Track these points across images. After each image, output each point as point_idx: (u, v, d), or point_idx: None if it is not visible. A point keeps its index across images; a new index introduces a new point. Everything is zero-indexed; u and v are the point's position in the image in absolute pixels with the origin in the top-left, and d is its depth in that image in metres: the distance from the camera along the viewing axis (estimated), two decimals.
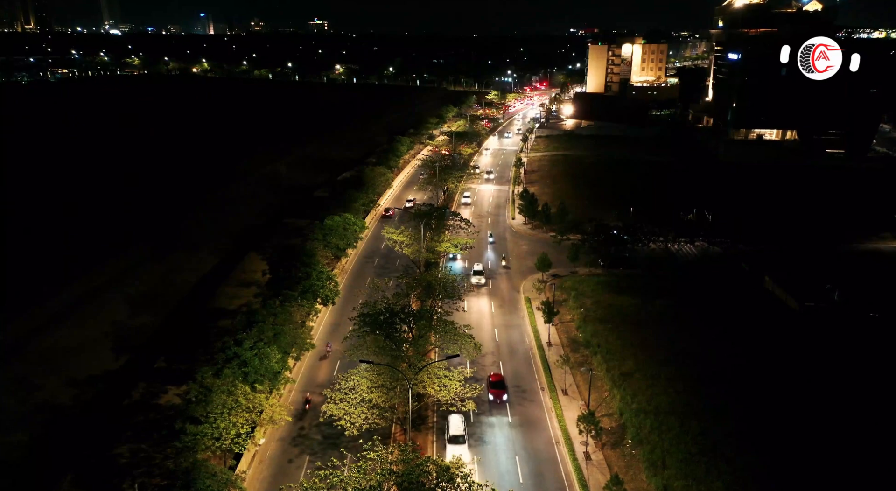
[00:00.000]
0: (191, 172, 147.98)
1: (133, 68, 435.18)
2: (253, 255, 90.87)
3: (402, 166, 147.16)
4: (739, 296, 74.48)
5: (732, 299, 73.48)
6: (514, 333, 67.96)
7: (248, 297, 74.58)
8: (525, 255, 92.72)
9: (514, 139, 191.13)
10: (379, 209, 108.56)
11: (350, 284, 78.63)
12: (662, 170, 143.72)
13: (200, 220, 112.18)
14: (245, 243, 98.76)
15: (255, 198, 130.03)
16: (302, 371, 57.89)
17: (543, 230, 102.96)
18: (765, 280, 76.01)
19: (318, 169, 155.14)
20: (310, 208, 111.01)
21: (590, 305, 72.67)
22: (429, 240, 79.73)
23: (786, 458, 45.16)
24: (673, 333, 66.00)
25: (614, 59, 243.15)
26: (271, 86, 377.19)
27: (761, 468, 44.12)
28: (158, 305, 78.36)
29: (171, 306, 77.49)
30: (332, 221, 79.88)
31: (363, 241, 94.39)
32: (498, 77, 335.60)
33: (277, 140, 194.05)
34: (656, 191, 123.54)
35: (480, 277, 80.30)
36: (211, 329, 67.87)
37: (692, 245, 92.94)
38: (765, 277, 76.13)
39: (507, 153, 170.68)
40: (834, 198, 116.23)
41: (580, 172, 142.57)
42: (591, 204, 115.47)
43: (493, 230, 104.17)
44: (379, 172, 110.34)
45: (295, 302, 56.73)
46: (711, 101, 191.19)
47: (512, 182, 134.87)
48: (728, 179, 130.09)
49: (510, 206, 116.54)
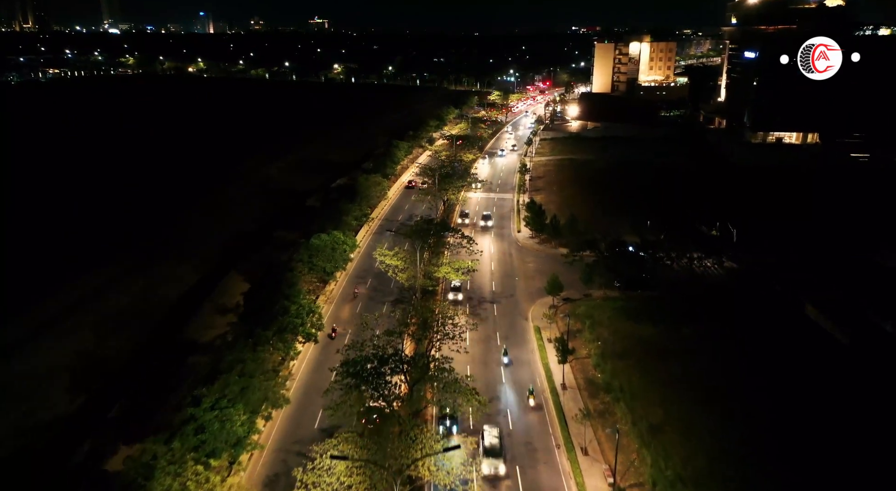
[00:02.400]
0: (184, 176, 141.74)
1: (128, 68, 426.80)
2: (235, 274, 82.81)
3: (399, 172, 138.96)
4: (777, 324, 66.28)
5: (769, 328, 65.30)
6: (524, 372, 59.75)
7: (222, 326, 66.59)
8: (533, 274, 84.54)
9: (517, 142, 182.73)
10: (372, 224, 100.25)
11: (337, 313, 70.32)
12: (675, 174, 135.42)
13: (190, 227, 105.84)
14: (230, 256, 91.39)
15: (247, 203, 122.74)
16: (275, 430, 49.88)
17: (552, 245, 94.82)
18: (806, 307, 67.69)
19: (314, 172, 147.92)
20: (301, 218, 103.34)
21: (607, 337, 64.59)
22: (426, 262, 71.49)
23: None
24: (704, 369, 58.04)
25: (621, 57, 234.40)
26: (268, 86, 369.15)
27: None
28: (130, 329, 70.84)
29: (143, 334, 69.80)
30: (319, 240, 71.88)
31: (357, 255, 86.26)
32: (500, 76, 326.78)
33: (274, 141, 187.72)
34: (670, 198, 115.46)
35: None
36: (180, 366, 59.84)
37: (718, 263, 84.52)
38: (805, 303, 67.80)
39: (510, 157, 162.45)
40: (863, 204, 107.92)
41: (588, 178, 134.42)
42: (601, 213, 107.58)
43: (497, 245, 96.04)
44: (373, 181, 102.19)
45: (269, 345, 48.59)
46: (724, 101, 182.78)
47: (516, 189, 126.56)
48: (747, 185, 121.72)
49: (515, 217, 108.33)
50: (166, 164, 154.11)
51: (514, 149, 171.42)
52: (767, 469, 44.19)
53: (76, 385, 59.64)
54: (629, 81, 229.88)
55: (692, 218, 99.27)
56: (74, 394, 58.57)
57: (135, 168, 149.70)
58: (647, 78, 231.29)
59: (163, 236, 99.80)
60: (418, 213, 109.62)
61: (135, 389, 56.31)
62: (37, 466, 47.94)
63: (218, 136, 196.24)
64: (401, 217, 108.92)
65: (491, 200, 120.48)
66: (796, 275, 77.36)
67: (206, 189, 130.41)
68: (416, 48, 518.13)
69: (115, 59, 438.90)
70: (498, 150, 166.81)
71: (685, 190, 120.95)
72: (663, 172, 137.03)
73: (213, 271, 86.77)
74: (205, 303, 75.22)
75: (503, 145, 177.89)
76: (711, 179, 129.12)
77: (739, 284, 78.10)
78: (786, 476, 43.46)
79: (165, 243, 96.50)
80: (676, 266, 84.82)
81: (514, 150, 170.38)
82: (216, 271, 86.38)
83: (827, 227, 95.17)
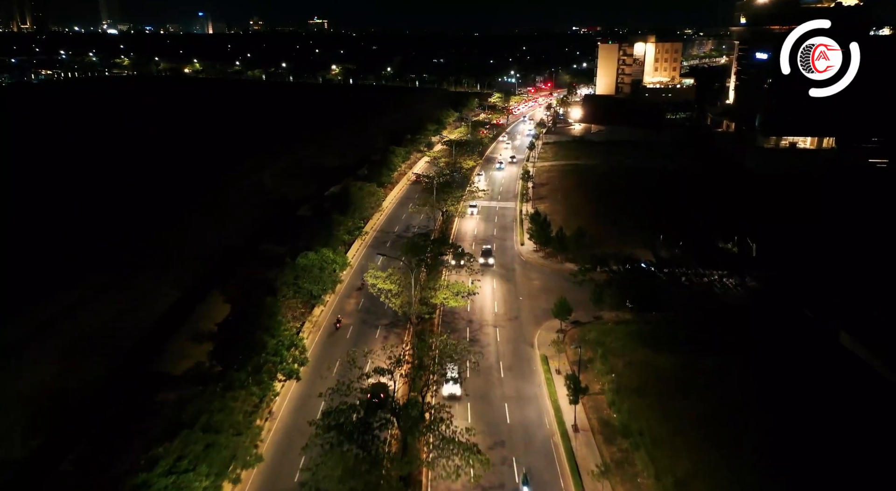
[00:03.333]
0: (174, 181, 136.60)
1: (123, 69, 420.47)
2: (216, 294, 76.73)
3: (397, 179, 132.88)
4: (809, 354, 60.27)
5: (801, 359, 59.29)
6: (530, 410, 53.73)
7: (197, 356, 60.52)
8: (538, 292, 78.52)
9: (519, 146, 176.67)
10: (366, 238, 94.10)
11: (324, 343, 64.24)
12: (684, 180, 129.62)
13: (177, 235, 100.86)
14: (214, 272, 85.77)
15: (236, 212, 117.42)
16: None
17: (558, 259, 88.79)
18: (840, 335, 61.66)
19: (308, 177, 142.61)
20: (291, 229, 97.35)
21: (622, 368, 58.64)
22: (423, 281, 65.41)
23: None
24: (731, 407, 52.11)
25: (626, 58, 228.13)
26: (265, 87, 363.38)
27: None
28: (101, 356, 65.04)
29: (113, 362, 63.89)
30: (305, 260, 65.89)
31: (349, 274, 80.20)
32: (500, 77, 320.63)
33: (268, 145, 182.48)
34: (682, 207, 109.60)
35: None
36: (145, 405, 53.82)
37: (740, 284, 78.39)
38: (840, 330, 61.75)
39: (516, 152, 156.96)
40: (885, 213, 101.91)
41: (594, 184, 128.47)
42: (609, 223, 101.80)
43: (499, 259, 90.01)
44: (368, 192, 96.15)
45: (242, 390, 42.54)
46: (733, 103, 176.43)
47: (519, 197, 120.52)
48: (762, 193, 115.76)
49: (518, 228, 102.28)
50: (156, 170, 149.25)
51: (513, 160, 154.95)
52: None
53: (33, 423, 53.80)
54: (634, 83, 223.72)
55: (707, 231, 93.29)
56: (30, 434, 52.74)
57: (124, 173, 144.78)
58: (653, 79, 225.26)
59: (148, 246, 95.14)
60: (416, 224, 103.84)
61: (95, 433, 50.28)
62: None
63: (210, 140, 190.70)
64: (397, 228, 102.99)
65: (492, 210, 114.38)
66: (826, 296, 71.26)
67: (195, 197, 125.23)
68: (415, 48, 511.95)
69: (110, 61, 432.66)
70: (495, 163, 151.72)
71: (697, 198, 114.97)
72: (672, 179, 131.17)
73: (194, 288, 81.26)
74: (182, 327, 69.33)
75: (501, 155, 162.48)
76: (724, 187, 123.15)
77: (764, 306, 72.03)
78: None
79: (151, 253, 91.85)
80: (694, 281, 79.14)
81: (513, 162, 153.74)
82: (198, 288, 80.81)
83: (850, 239, 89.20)
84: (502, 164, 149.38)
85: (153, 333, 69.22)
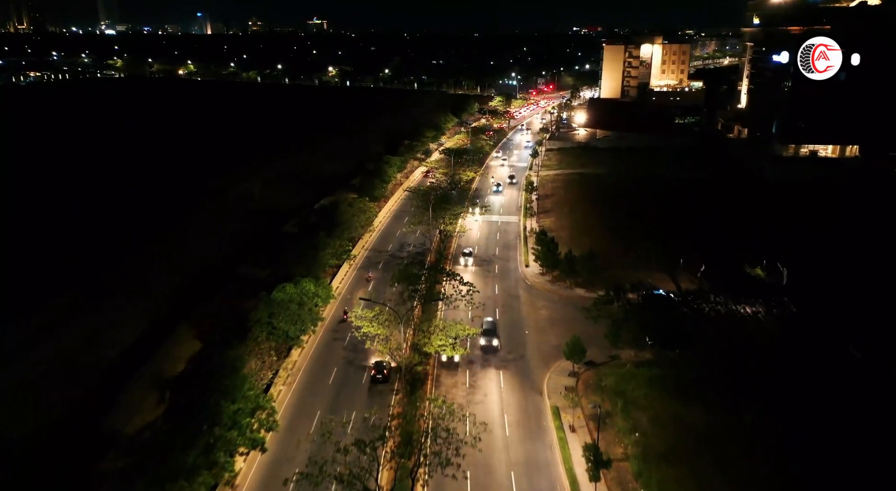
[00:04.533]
0: (156, 192, 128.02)
1: (116, 70, 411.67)
2: (185, 328, 68.43)
3: (393, 190, 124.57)
4: (865, 406, 52.02)
5: (855, 412, 51.06)
6: (541, 481, 45.42)
7: (151, 410, 52.20)
8: (546, 324, 70.32)
9: (521, 153, 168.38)
10: (354, 261, 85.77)
11: (301, 396, 55.44)
12: (699, 192, 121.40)
13: (153, 254, 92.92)
14: (188, 299, 77.74)
15: (220, 225, 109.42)
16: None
17: (566, 284, 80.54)
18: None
19: (300, 185, 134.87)
20: (275, 248, 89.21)
21: (647, 425, 50.46)
22: (417, 318, 57.08)
23: None
24: (782, 480, 43.88)
25: (632, 60, 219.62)
26: (260, 89, 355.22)
27: None
28: (48, 403, 56.88)
29: (60, 412, 55.66)
30: (283, 294, 57.68)
31: (333, 307, 71.82)
32: (501, 79, 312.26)
33: (261, 150, 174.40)
34: (698, 221, 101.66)
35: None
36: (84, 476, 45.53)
37: (778, 318, 70.05)
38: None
39: (514, 171, 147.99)
40: None
41: (602, 196, 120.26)
42: (619, 240, 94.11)
43: (502, 284, 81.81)
44: (359, 208, 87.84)
45: (188, 480, 34.18)
46: (746, 108, 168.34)
47: (522, 211, 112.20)
48: (786, 207, 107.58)
49: (522, 247, 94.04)
50: (137, 179, 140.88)
51: (512, 181, 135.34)
52: None
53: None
54: (640, 86, 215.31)
55: (732, 252, 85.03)
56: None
57: (102, 183, 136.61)
58: (660, 82, 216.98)
59: (122, 263, 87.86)
60: (411, 241, 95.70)
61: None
62: None
63: (199, 146, 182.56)
64: (391, 246, 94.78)
65: (493, 226, 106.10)
66: (878, 337, 62.81)
67: (177, 209, 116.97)
68: (414, 49, 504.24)
69: (103, 62, 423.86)
70: (492, 185, 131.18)
71: (715, 213, 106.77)
72: (685, 190, 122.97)
73: (164, 317, 73.20)
74: (144, 365, 61.11)
75: (497, 172, 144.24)
76: (744, 200, 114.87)
77: (803, 343, 63.71)
78: None
79: (124, 272, 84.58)
80: (720, 313, 70.94)
81: (512, 183, 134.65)
82: (168, 317, 72.80)
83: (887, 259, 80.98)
84: (500, 187, 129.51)
85: (110, 375, 61.17)
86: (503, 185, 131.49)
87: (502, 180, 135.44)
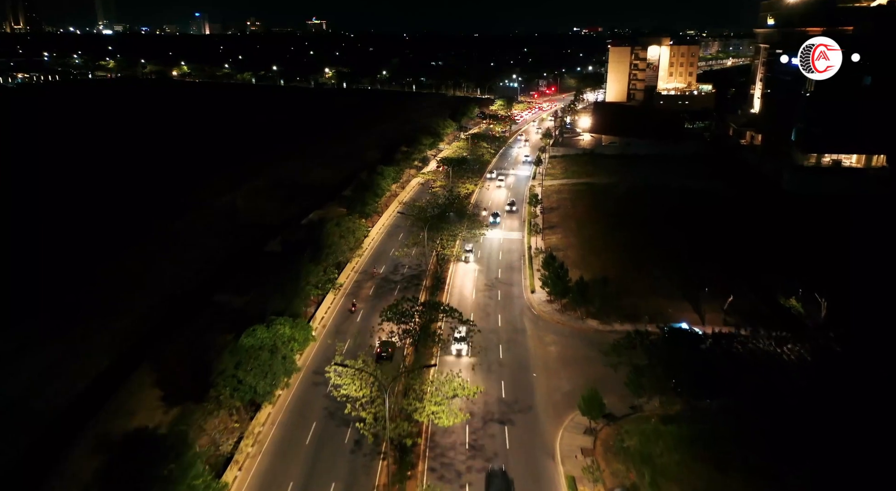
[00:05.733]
0: (138, 203, 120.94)
1: (108, 71, 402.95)
2: (146, 370, 60.14)
3: (387, 202, 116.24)
4: None
5: None
6: None
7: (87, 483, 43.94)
8: (556, 364, 62.14)
9: (524, 161, 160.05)
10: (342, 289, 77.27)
11: (266, 474, 45.86)
12: (716, 205, 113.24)
13: (129, 270, 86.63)
14: (156, 329, 69.93)
15: (202, 240, 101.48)
16: None
17: (577, 314, 72.32)
18: None
19: (289, 196, 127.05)
20: (255, 271, 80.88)
21: None
22: (408, 364, 48.77)
23: None
24: None
25: (638, 63, 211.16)
26: (254, 91, 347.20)
27: None
28: None
29: None
30: (252, 339, 49.42)
31: (312, 351, 63.28)
32: (502, 81, 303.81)
33: (251, 156, 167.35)
34: (719, 239, 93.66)
35: None
36: None
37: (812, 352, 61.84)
38: None
39: (517, 180, 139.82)
40: None
41: (612, 210, 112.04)
42: (632, 260, 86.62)
43: (506, 314, 73.62)
44: (347, 228, 79.31)
45: None
46: (760, 113, 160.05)
47: (527, 226, 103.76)
48: (810, 221, 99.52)
49: (526, 270, 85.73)
50: (117, 188, 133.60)
51: (512, 210, 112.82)
52: None
53: None
54: (647, 89, 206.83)
55: (760, 276, 76.85)
56: None
57: (78, 192, 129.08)
58: (668, 85, 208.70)
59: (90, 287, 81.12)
60: (406, 262, 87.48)
61: None
62: None
63: (186, 152, 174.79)
64: (383, 268, 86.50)
65: (495, 243, 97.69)
66: None
67: (158, 221, 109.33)
68: (413, 50, 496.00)
69: (95, 63, 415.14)
70: (489, 215, 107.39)
71: (736, 228, 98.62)
72: (700, 203, 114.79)
73: (125, 354, 65.21)
74: (92, 420, 52.86)
75: (495, 195, 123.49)
76: (764, 214, 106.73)
77: (853, 390, 55.39)
78: None
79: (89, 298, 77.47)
80: (755, 351, 62.59)
81: (512, 210, 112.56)
82: (129, 355, 64.77)
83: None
84: (497, 218, 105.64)
85: (54, 429, 53.05)
86: (501, 214, 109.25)
87: (500, 208, 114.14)
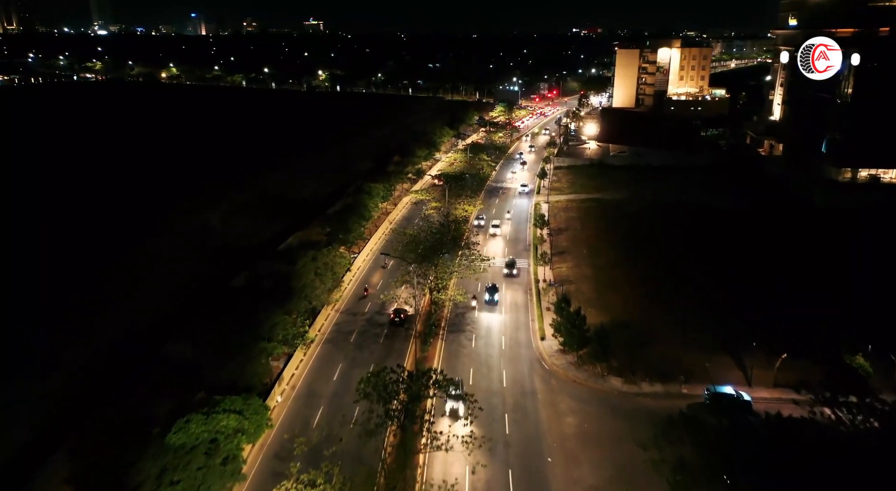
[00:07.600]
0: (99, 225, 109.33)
1: (94, 73, 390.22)
2: (63, 459, 48.33)
3: (377, 222, 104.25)
4: None
5: None
6: None
7: None
8: (575, 442, 50.24)
9: (527, 173, 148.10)
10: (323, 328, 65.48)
11: None
12: (743, 226, 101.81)
13: (83, 306, 76.51)
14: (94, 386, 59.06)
15: (161, 270, 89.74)
16: None
17: (596, 369, 60.53)
18: None
19: (270, 213, 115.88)
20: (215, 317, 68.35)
21: None
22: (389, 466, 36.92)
23: None
24: None
25: (647, 66, 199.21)
26: (245, 94, 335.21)
27: None
28: None
29: None
30: (184, 436, 37.55)
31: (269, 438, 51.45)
32: (502, 84, 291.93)
33: (235, 167, 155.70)
34: (746, 264, 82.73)
35: None
36: None
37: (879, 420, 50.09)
38: None
39: (520, 196, 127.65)
40: None
41: (626, 232, 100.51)
42: (656, 296, 75.65)
43: (511, 370, 61.69)
44: (325, 264, 67.18)
45: None
46: (781, 121, 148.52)
47: (532, 254, 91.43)
48: (852, 246, 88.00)
49: (535, 309, 73.73)
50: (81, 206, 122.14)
51: (512, 273, 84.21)
52: None
53: None
54: (657, 94, 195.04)
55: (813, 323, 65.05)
56: None
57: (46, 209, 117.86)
58: (678, 90, 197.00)
59: (38, 327, 71.45)
60: (395, 301, 75.46)
61: None
62: None
63: (166, 161, 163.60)
64: (368, 307, 74.57)
65: (498, 275, 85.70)
66: None
67: (112, 252, 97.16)
68: (410, 51, 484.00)
69: (82, 64, 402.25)
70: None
71: (768, 255, 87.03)
72: (725, 223, 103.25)
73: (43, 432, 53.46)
74: None
75: (490, 251, 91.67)
76: (799, 237, 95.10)
77: None
78: None
79: (35, 342, 67.77)
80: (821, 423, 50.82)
81: (513, 275, 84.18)
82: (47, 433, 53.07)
83: None
84: (496, 293, 76.08)
85: None
86: (499, 256, 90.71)
87: (495, 275, 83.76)
